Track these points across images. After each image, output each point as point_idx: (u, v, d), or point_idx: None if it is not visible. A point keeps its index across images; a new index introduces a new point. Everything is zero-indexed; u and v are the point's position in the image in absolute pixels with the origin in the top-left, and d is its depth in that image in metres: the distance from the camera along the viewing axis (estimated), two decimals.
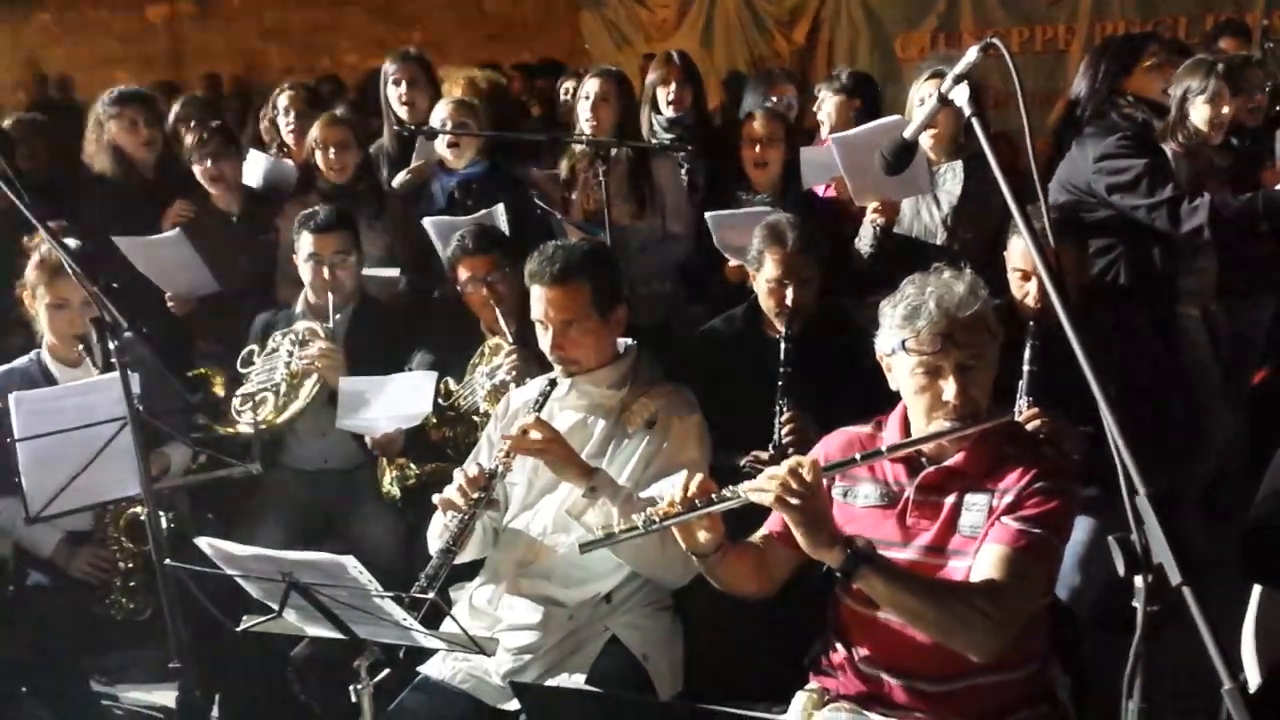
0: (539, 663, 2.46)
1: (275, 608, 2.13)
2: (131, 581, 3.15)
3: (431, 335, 3.56)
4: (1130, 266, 3.69)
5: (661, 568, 2.47)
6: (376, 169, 4.41)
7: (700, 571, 2.26)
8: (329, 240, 3.50)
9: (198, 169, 4.31)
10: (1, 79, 9.70)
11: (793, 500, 1.95)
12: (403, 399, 3.21)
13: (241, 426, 3.33)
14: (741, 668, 2.55)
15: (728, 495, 2.08)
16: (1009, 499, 2.05)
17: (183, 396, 3.15)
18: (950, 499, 2.11)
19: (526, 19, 9.77)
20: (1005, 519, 2.03)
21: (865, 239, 3.73)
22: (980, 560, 2.02)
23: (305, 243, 3.51)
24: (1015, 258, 3.10)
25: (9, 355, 3.34)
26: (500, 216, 3.73)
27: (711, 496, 2.10)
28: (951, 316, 2.06)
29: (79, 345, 3.07)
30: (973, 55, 1.66)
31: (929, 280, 2.13)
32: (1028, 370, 2.88)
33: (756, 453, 2.93)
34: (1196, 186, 3.67)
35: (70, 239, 3.13)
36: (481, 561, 2.68)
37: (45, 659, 3.02)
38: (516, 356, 3.15)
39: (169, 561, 2.44)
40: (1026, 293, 3.07)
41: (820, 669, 2.27)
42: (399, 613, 2.02)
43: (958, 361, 2.06)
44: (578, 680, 2.40)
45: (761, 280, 3.15)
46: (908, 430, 2.19)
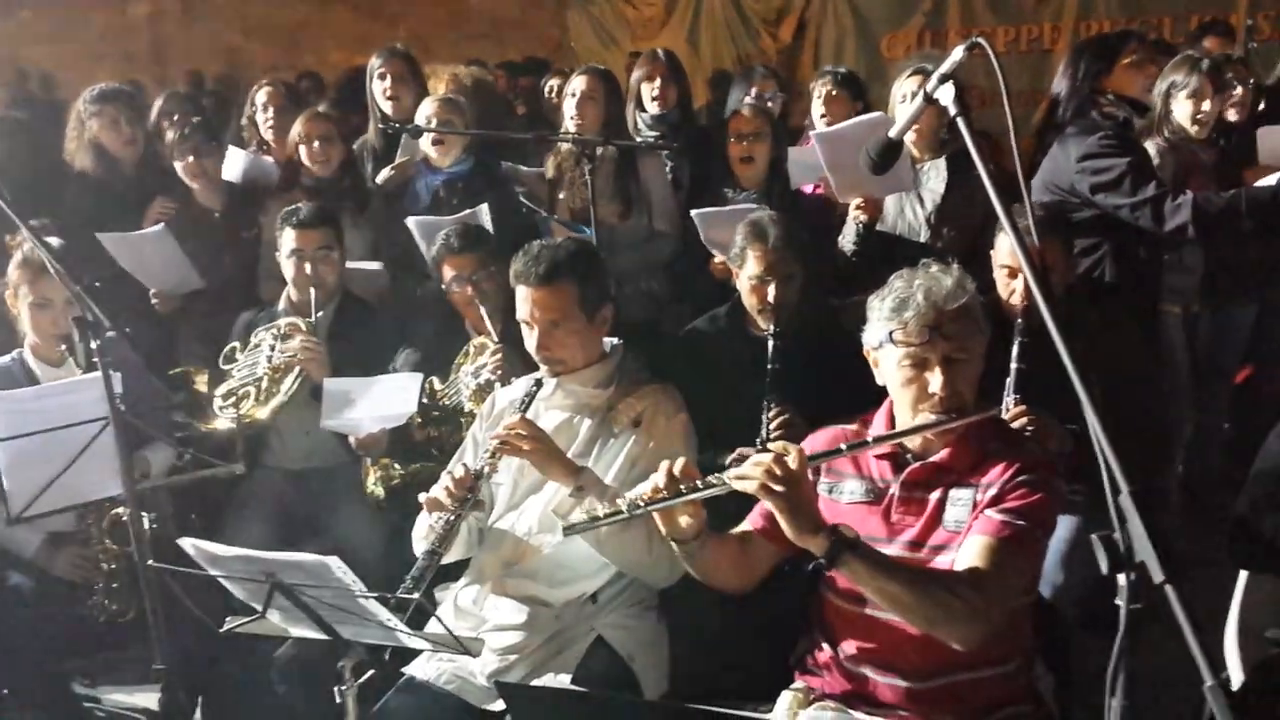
0: (524, 663, 2.46)
1: (259, 609, 2.12)
2: (114, 582, 3.12)
3: (416, 334, 3.54)
4: (1115, 265, 3.69)
5: (648, 567, 2.47)
6: (361, 165, 4.39)
7: (684, 567, 2.26)
8: (312, 236, 3.47)
9: (179, 165, 4.29)
10: None
11: (777, 487, 1.95)
12: (388, 399, 3.19)
13: (223, 423, 3.31)
14: (727, 667, 2.54)
15: (713, 482, 2.08)
16: (993, 492, 2.05)
17: (165, 396, 3.13)
18: (935, 495, 2.12)
19: (512, 16, 9.74)
20: (989, 511, 2.04)
21: (849, 236, 3.73)
22: (963, 551, 2.02)
23: (288, 239, 3.48)
24: (1002, 255, 3.11)
25: None
26: (484, 216, 3.71)
27: (696, 483, 2.10)
28: (939, 308, 2.07)
29: (61, 344, 3.05)
30: (958, 55, 1.65)
31: (917, 274, 2.14)
32: (1014, 368, 2.88)
33: (743, 450, 2.93)
34: (1180, 183, 3.69)
35: (52, 238, 3.10)
36: (466, 562, 2.67)
37: (26, 661, 3.00)
38: (501, 356, 3.14)
39: (151, 562, 2.42)
40: (1013, 290, 3.07)
41: (805, 668, 2.27)
42: (383, 613, 2.01)
43: (944, 354, 2.07)
44: (563, 680, 2.39)
45: (744, 278, 3.14)
46: (894, 425, 2.19)
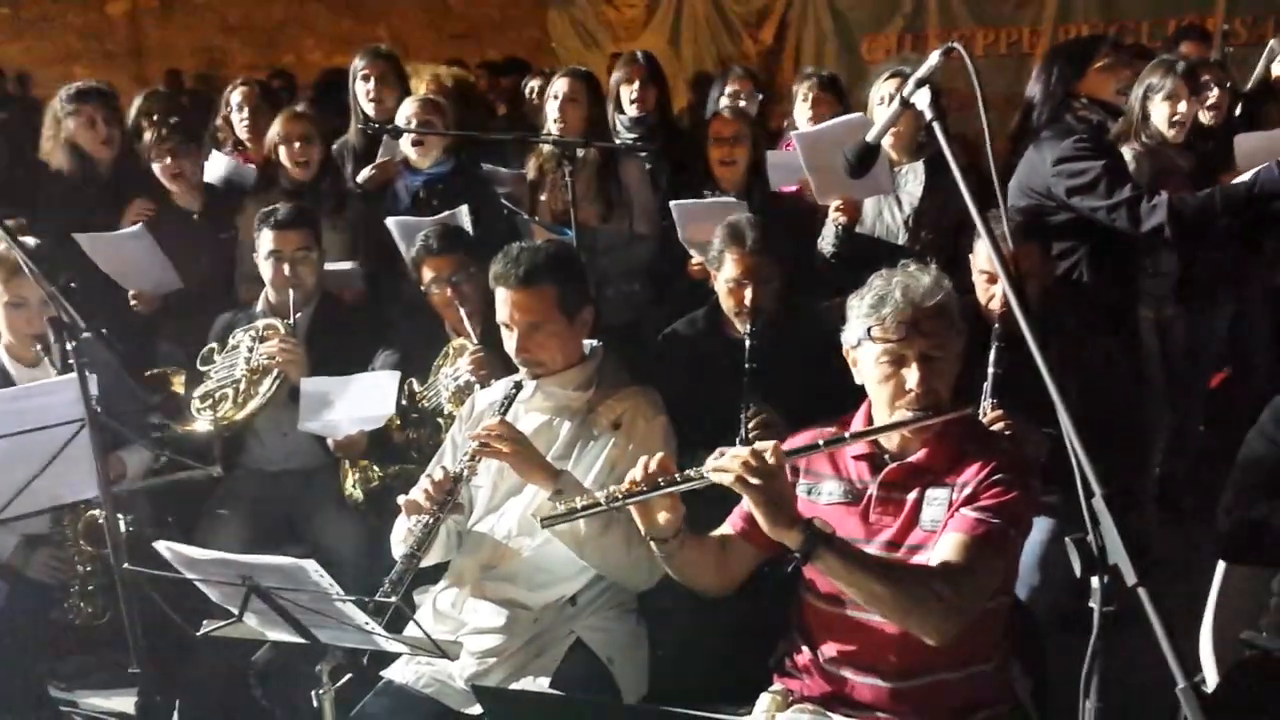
0: (503, 666, 2.45)
1: (236, 612, 2.10)
2: (90, 585, 3.10)
3: (395, 335, 3.53)
4: (1092, 268, 3.72)
5: (627, 570, 2.47)
6: (341, 165, 4.38)
7: (664, 569, 2.27)
8: (290, 237, 3.45)
9: (157, 166, 4.26)
10: None
11: (754, 479, 1.96)
12: (366, 400, 3.18)
13: (200, 425, 3.29)
14: (707, 670, 2.54)
15: (691, 475, 2.09)
16: (968, 491, 2.07)
17: (141, 398, 3.10)
18: (912, 495, 2.14)
19: (493, 17, 9.72)
20: (964, 510, 2.05)
21: (828, 238, 3.74)
22: (938, 548, 2.04)
23: (266, 240, 3.46)
24: (980, 261, 3.12)
25: None
26: (464, 218, 3.70)
27: (674, 476, 2.11)
28: (916, 306, 2.09)
29: (36, 344, 3.02)
30: (934, 59, 1.66)
31: (895, 273, 2.17)
32: (992, 372, 2.90)
33: (723, 449, 2.92)
34: (1157, 188, 3.71)
35: (28, 238, 3.08)
36: (445, 565, 2.66)
37: (2, 664, 2.97)
38: (481, 358, 3.13)
39: (127, 565, 2.41)
40: (992, 295, 3.09)
41: (784, 670, 2.28)
42: (360, 616, 2.00)
43: (921, 351, 2.09)
44: (542, 684, 2.38)
45: (721, 280, 3.14)
46: (872, 425, 2.20)
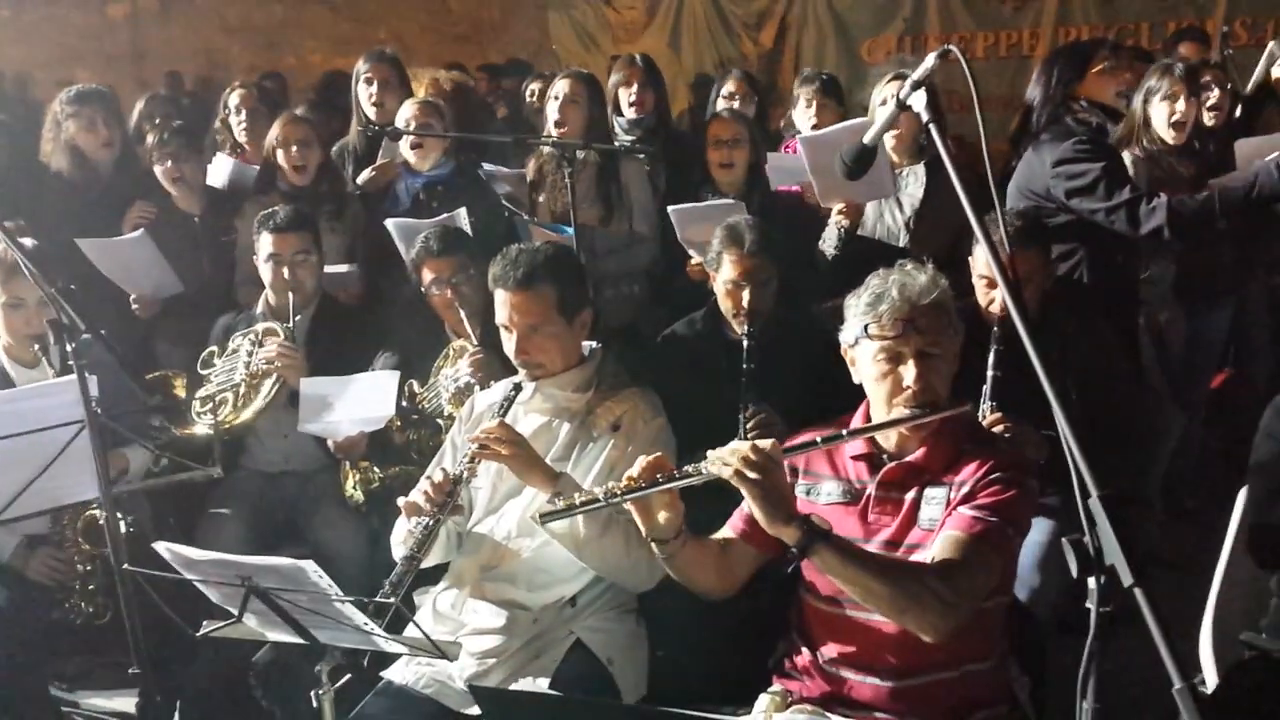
0: (503, 667, 2.45)
1: (235, 613, 2.10)
2: (90, 585, 3.10)
3: (395, 337, 3.53)
4: (1091, 270, 3.72)
5: (626, 571, 2.47)
6: (342, 167, 4.38)
7: (664, 569, 2.27)
8: (289, 240, 3.46)
9: (158, 169, 4.27)
10: None
11: (752, 475, 1.96)
12: (365, 400, 3.18)
13: (201, 428, 3.29)
14: (706, 671, 2.54)
15: (689, 472, 2.09)
16: (966, 490, 2.08)
17: (141, 398, 3.11)
18: (910, 494, 2.14)
19: (493, 19, 9.72)
20: (961, 508, 2.06)
21: (830, 240, 3.74)
22: (935, 546, 2.04)
23: (265, 243, 3.47)
24: (980, 265, 3.13)
25: None
26: (463, 220, 3.70)
27: (673, 473, 2.11)
28: (913, 303, 2.11)
29: (35, 345, 3.03)
30: (931, 61, 1.67)
31: (892, 271, 2.19)
32: (991, 375, 2.91)
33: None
34: (1157, 193, 3.71)
35: (26, 238, 3.08)
36: (445, 566, 2.66)
37: (3, 665, 2.97)
38: (481, 359, 3.14)
39: (127, 566, 2.41)
40: (992, 299, 3.09)
41: (784, 671, 2.28)
42: (359, 617, 2.00)
43: (918, 348, 2.11)
44: (542, 684, 2.38)
45: (720, 282, 3.15)
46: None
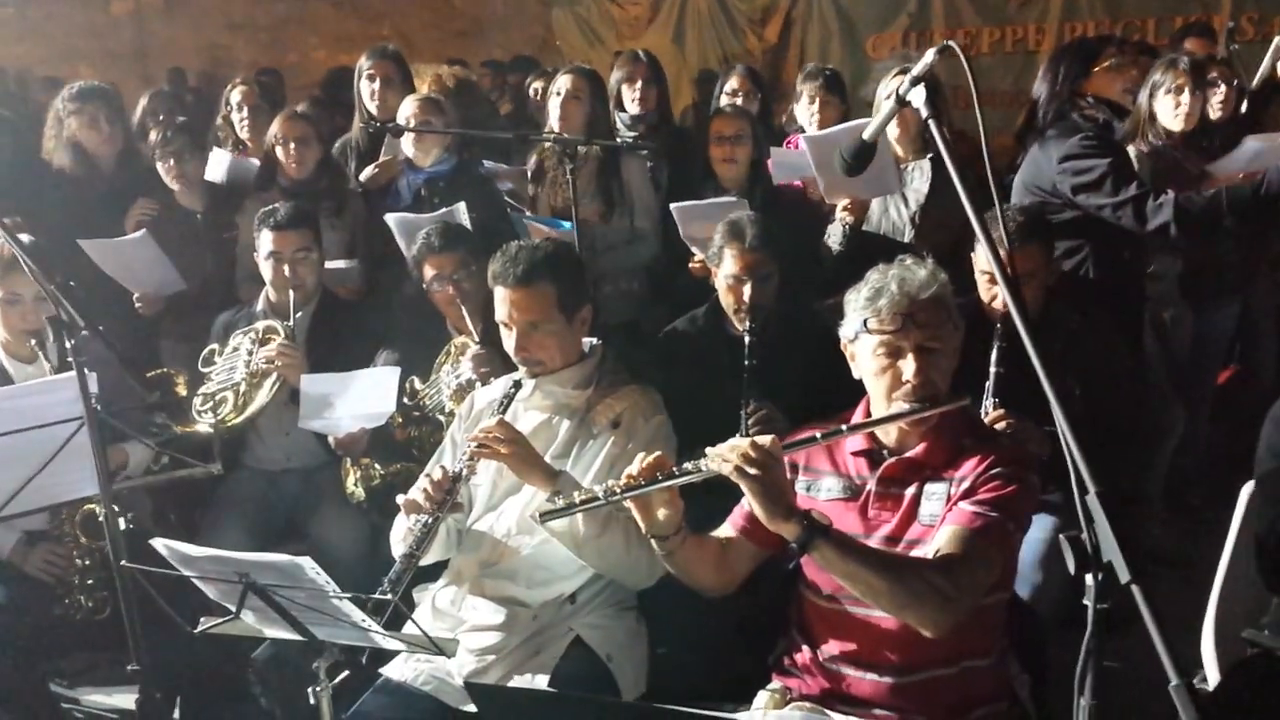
0: (502, 664, 2.44)
1: (233, 609, 2.10)
2: (89, 580, 3.11)
3: (396, 333, 3.53)
4: (1097, 266, 3.70)
5: (626, 569, 2.46)
6: (344, 164, 4.38)
7: (664, 566, 2.26)
8: (290, 238, 3.45)
9: (161, 167, 4.28)
10: None
11: (752, 471, 1.96)
12: (366, 397, 3.18)
13: (202, 426, 3.29)
14: (706, 668, 2.54)
15: (689, 469, 2.09)
16: (966, 485, 2.07)
17: (140, 395, 3.10)
18: (911, 490, 2.14)
19: (496, 15, 9.71)
20: (962, 503, 2.05)
21: (835, 237, 3.73)
22: (935, 541, 2.04)
23: (265, 240, 3.46)
24: (982, 261, 3.11)
25: None
26: (461, 214, 3.69)
27: (673, 470, 2.11)
28: (912, 298, 2.11)
29: (31, 340, 3.03)
30: (930, 57, 1.66)
31: (892, 267, 2.19)
32: (994, 372, 2.90)
33: None
34: (1163, 188, 3.69)
35: (24, 234, 3.08)
36: (445, 563, 2.66)
37: (2, 662, 2.97)
38: (482, 356, 3.13)
39: (125, 562, 2.41)
40: (994, 295, 3.08)
41: (783, 669, 2.27)
42: (357, 614, 2.00)
43: (917, 342, 2.10)
44: (541, 681, 2.38)
45: (721, 277, 3.15)
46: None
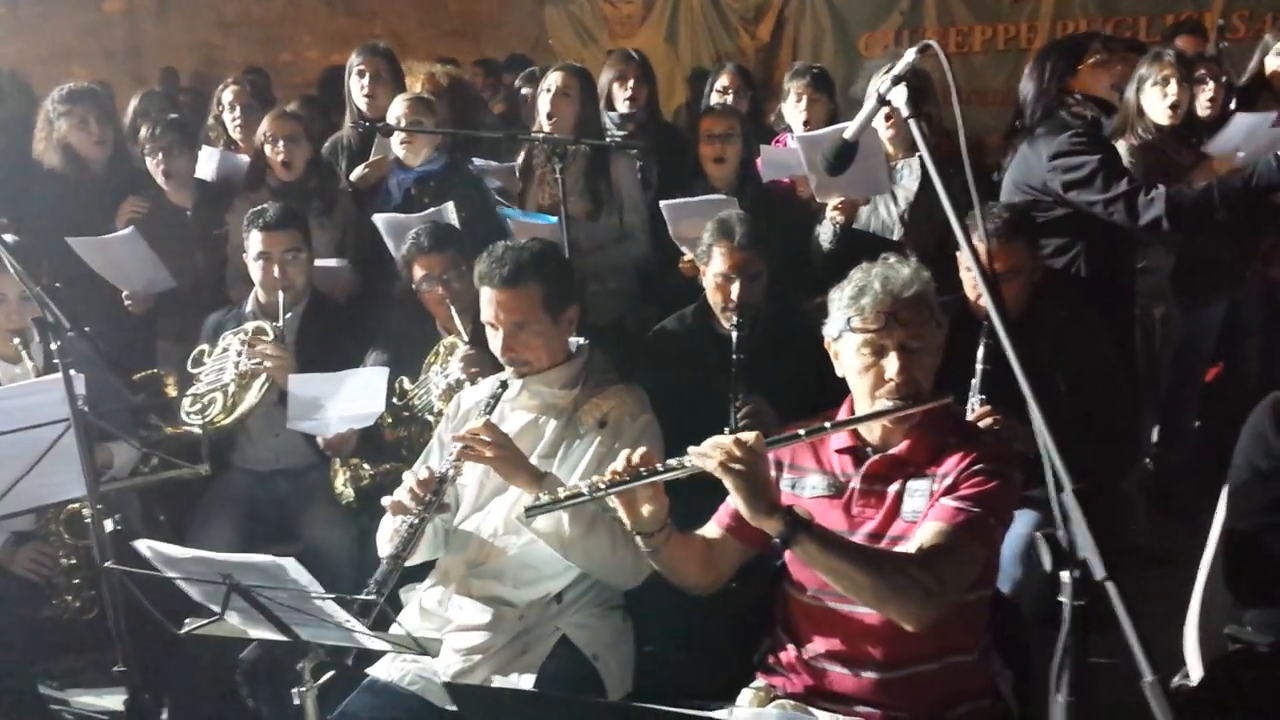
0: (488, 663, 2.44)
1: (217, 610, 2.10)
2: (75, 579, 3.11)
3: (385, 333, 3.53)
4: (1089, 264, 3.70)
5: (613, 569, 2.46)
6: (336, 162, 4.37)
7: (650, 565, 2.27)
8: (279, 238, 3.45)
9: (150, 162, 4.28)
10: None
11: (735, 466, 1.97)
12: (355, 398, 3.18)
13: (191, 428, 3.29)
14: (693, 667, 2.54)
15: (673, 465, 2.09)
16: (948, 481, 2.08)
17: (126, 396, 3.10)
18: (894, 487, 2.15)
19: (490, 14, 9.69)
20: (944, 499, 2.06)
21: (825, 235, 3.74)
22: (917, 536, 2.05)
23: (255, 241, 3.46)
24: (967, 258, 3.11)
25: None
26: (450, 213, 3.68)
27: (656, 466, 2.11)
28: (895, 296, 2.12)
29: (15, 339, 3.02)
30: (910, 56, 1.66)
31: (875, 265, 2.20)
32: (981, 369, 2.91)
33: None
34: (1154, 182, 3.69)
35: (8, 234, 3.08)
36: (433, 562, 2.66)
37: None
38: (472, 356, 3.12)
39: (109, 564, 2.41)
40: (980, 293, 3.08)
41: (768, 667, 2.27)
42: (340, 614, 2.00)
43: (900, 340, 2.11)
44: (527, 680, 2.38)
45: (709, 275, 3.15)
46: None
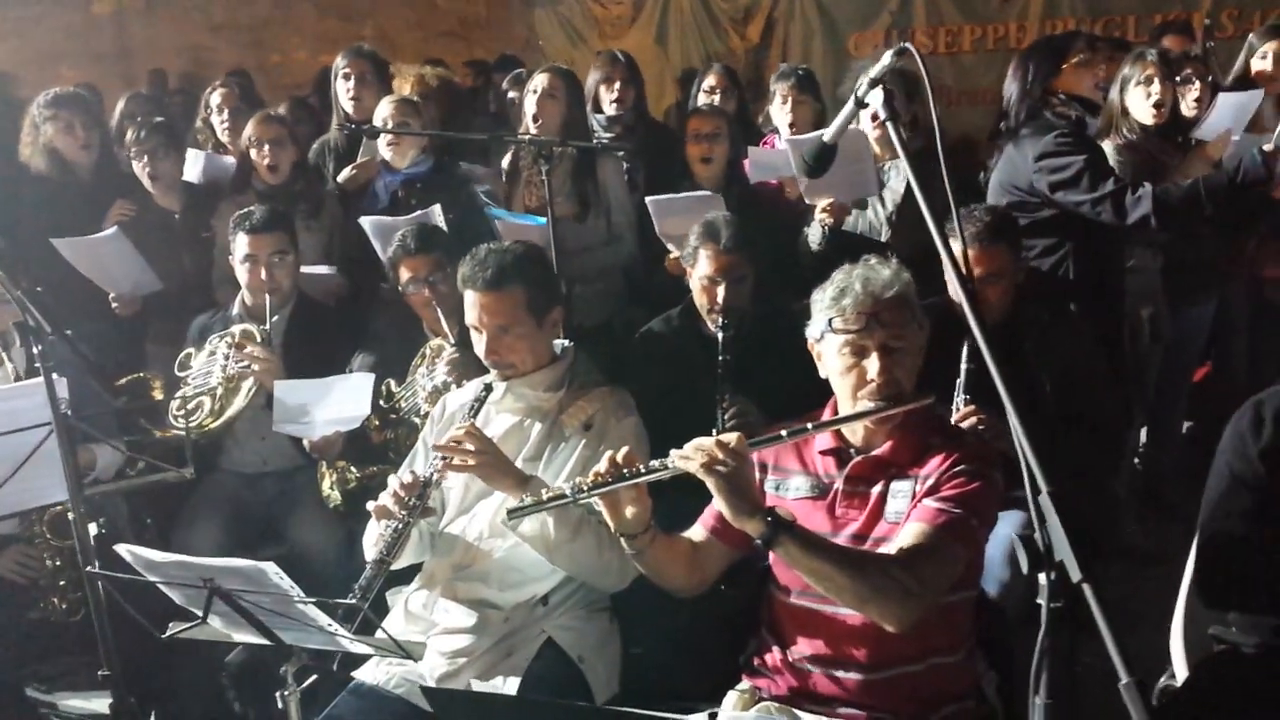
0: (473, 666, 2.44)
1: (200, 614, 2.10)
2: (61, 580, 3.10)
3: (372, 336, 3.52)
4: (1076, 264, 3.71)
5: (598, 573, 2.47)
6: (323, 165, 4.37)
7: (635, 568, 2.27)
8: (265, 240, 3.44)
9: (136, 165, 4.27)
10: None
11: (718, 467, 1.97)
12: (341, 401, 3.17)
13: (178, 430, 3.28)
14: (679, 669, 2.54)
15: (655, 466, 2.09)
16: (930, 482, 2.09)
17: (108, 400, 3.10)
18: (877, 488, 2.15)
19: (480, 15, 9.67)
20: (926, 500, 2.07)
21: (814, 237, 3.74)
22: (899, 537, 2.05)
23: (241, 244, 3.45)
24: (946, 265, 3.11)
25: None
26: (437, 216, 3.67)
27: (639, 467, 2.11)
28: (876, 297, 2.13)
29: None
30: (887, 59, 1.66)
31: (856, 266, 2.20)
32: (965, 369, 2.91)
33: None
34: (1140, 181, 3.70)
35: None
36: (419, 565, 2.65)
37: None
38: (457, 359, 3.11)
39: (91, 568, 2.40)
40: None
41: (753, 669, 2.27)
42: (322, 618, 2.00)
43: (882, 341, 2.12)
44: (512, 683, 2.37)
45: (696, 278, 3.15)
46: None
